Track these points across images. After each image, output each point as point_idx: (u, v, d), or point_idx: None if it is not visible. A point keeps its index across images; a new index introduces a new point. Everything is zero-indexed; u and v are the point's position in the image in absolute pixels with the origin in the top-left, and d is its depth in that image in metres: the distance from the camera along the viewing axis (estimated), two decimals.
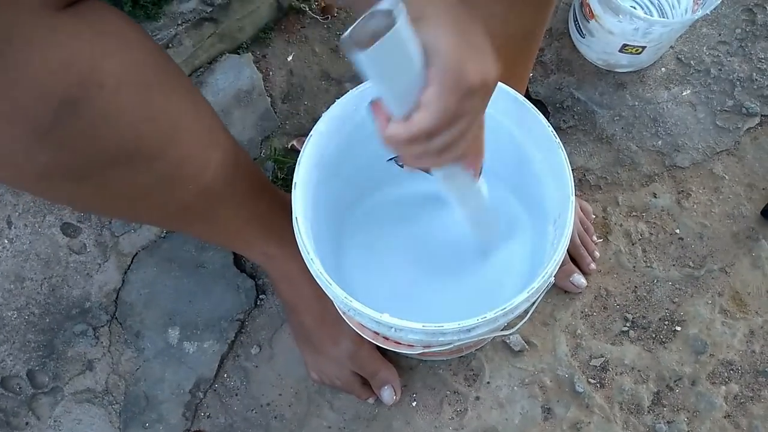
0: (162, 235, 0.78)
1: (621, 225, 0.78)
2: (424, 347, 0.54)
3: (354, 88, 0.54)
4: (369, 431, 0.72)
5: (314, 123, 0.54)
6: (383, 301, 0.65)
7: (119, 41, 0.41)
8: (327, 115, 0.54)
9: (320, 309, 0.67)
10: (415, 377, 0.73)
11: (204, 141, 0.50)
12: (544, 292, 0.50)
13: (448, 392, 0.73)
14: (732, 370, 0.73)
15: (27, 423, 0.73)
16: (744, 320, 0.75)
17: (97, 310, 0.76)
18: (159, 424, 0.72)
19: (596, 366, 0.73)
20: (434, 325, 0.47)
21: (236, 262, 0.78)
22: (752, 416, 0.72)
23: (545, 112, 0.82)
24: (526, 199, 0.60)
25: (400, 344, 0.55)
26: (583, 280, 0.74)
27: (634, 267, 0.77)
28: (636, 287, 0.76)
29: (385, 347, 0.58)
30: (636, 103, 0.82)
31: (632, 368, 0.73)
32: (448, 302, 0.67)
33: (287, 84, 0.84)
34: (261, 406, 0.73)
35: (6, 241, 0.78)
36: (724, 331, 0.74)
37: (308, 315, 0.69)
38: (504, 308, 0.47)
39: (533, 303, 0.51)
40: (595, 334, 0.75)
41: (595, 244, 0.76)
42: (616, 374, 0.73)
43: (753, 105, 0.82)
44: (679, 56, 0.84)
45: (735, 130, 0.81)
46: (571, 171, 0.52)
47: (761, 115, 0.82)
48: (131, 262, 0.77)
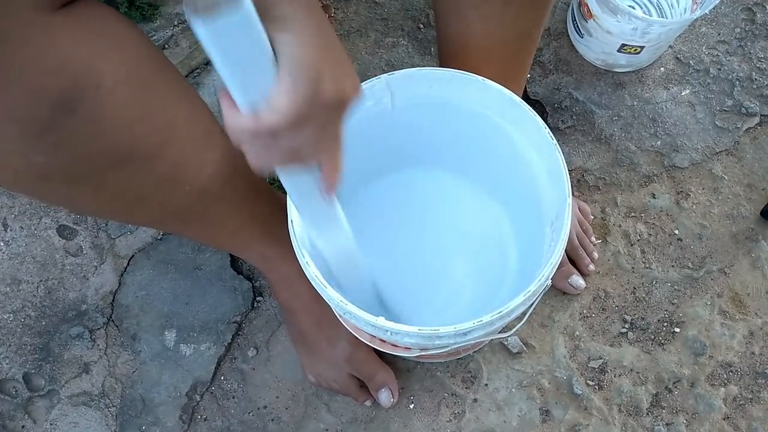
0: (158, 237, 0.78)
1: (620, 226, 0.78)
2: (421, 350, 0.53)
3: None
4: None
5: None
6: (380, 303, 0.65)
7: (115, 41, 0.40)
8: None
9: (317, 311, 0.67)
10: (413, 379, 0.73)
11: (201, 141, 0.50)
12: (541, 295, 0.50)
13: (446, 394, 0.72)
14: (731, 372, 0.73)
15: (23, 426, 0.72)
16: (743, 321, 0.74)
17: (94, 313, 0.76)
18: (155, 427, 0.72)
19: (595, 368, 0.73)
20: (430, 329, 0.47)
21: (233, 264, 0.77)
22: (752, 418, 0.71)
23: (543, 113, 0.82)
24: (523, 201, 0.60)
25: (397, 347, 0.55)
26: (582, 282, 0.74)
27: (633, 268, 0.76)
28: (635, 288, 0.76)
29: (382, 350, 0.58)
30: (635, 103, 0.82)
31: (631, 370, 0.73)
32: (447, 304, 0.67)
33: None
34: (258, 409, 0.73)
35: (2, 244, 0.77)
36: (724, 333, 0.74)
37: (305, 317, 0.68)
38: (500, 311, 0.47)
39: (530, 306, 0.51)
40: (594, 336, 0.74)
41: (594, 245, 0.75)
42: (615, 376, 0.73)
43: (752, 105, 0.82)
44: (678, 56, 0.84)
45: (734, 130, 0.81)
46: (570, 171, 0.51)
47: (761, 115, 0.81)
48: (127, 265, 0.77)
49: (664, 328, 0.74)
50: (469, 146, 0.61)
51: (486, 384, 0.72)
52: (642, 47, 0.77)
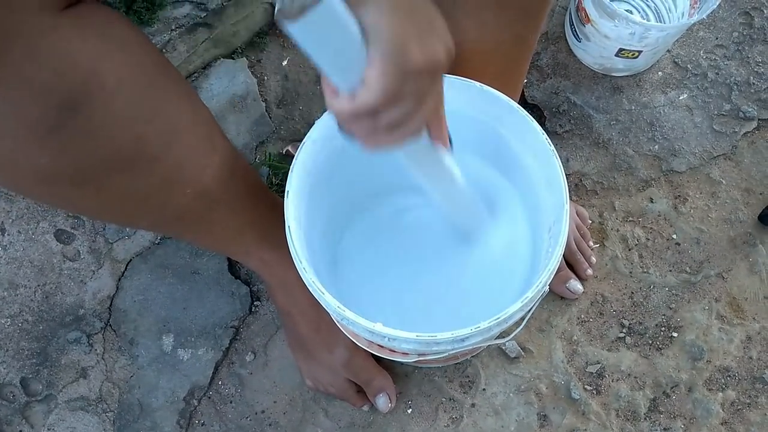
0: (156, 242, 0.78)
1: (617, 230, 0.78)
2: (419, 356, 0.53)
3: None
4: None
5: (309, 128, 0.54)
6: (379, 309, 0.65)
7: (119, 43, 0.40)
8: (320, 123, 0.54)
9: (315, 316, 0.67)
10: (411, 384, 0.73)
11: (202, 144, 0.50)
12: (539, 301, 0.50)
13: (444, 399, 0.72)
14: (729, 377, 0.73)
15: (20, 431, 0.72)
16: (741, 326, 0.74)
17: (91, 318, 0.75)
18: None
19: (592, 372, 0.73)
20: (428, 335, 0.47)
21: (231, 269, 0.77)
22: (749, 423, 0.71)
23: (541, 117, 0.82)
24: (519, 206, 0.60)
25: (395, 352, 0.55)
26: (580, 286, 0.74)
27: (631, 272, 0.76)
28: (632, 293, 0.76)
29: (380, 355, 0.58)
30: (632, 108, 0.82)
31: (629, 375, 0.73)
32: (446, 309, 0.67)
33: (282, 89, 0.84)
34: (256, 414, 0.73)
35: None
36: (721, 337, 0.74)
37: (303, 322, 0.68)
38: (498, 317, 0.47)
39: (528, 311, 0.50)
40: (592, 341, 0.74)
41: (592, 250, 0.75)
42: (613, 381, 0.73)
43: (750, 109, 0.82)
44: (676, 60, 0.84)
45: (732, 135, 0.81)
46: (567, 175, 0.51)
47: (758, 119, 0.82)
48: (125, 269, 0.77)
49: (662, 333, 0.74)
50: (466, 152, 0.61)
51: (484, 389, 0.72)
52: (640, 52, 0.77)
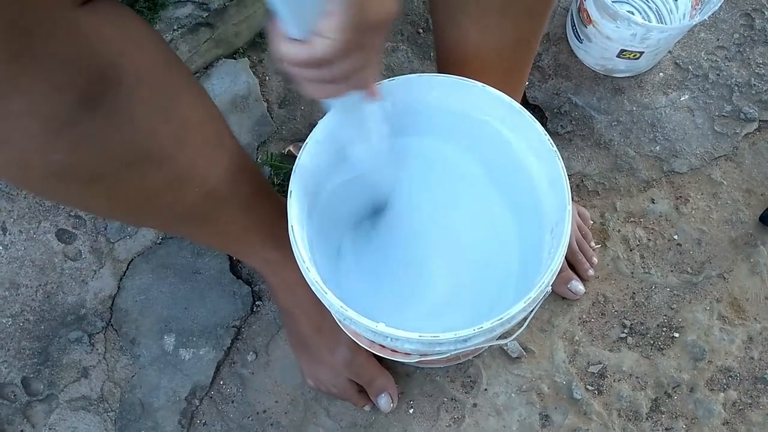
0: (158, 242, 0.78)
1: (619, 231, 0.78)
2: (421, 356, 0.53)
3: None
4: None
5: (311, 128, 0.54)
6: (382, 309, 0.65)
7: (136, 39, 0.40)
8: (323, 123, 0.54)
9: (317, 316, 0.67)
10: (412, 384, 0.73)
11: (212, 143, 0.50)
12: (542, 302, 0.50)
13: (446, 399, 0.72)
14: (730, 377, 0.73)
15: (22, 431, 0.72)
16: (742, 326, 0.75)
17: (93, 317, 0.75)
18: None
19: (594, 373, 0.73)
20: (430, 335, 0.47)
21: (232, 269, 0.77)
22: (751, 423, 0.71)
23: (543, 118, 0.82)
24: (522, 207, 0.60)
25: (396, 353, 0.55)
26: (581, 287, 0.74)
27: (632, 273, 0.76)
28: (634, 293, 0.76)
29: (382, 355, 0.58)
30: (634, 109, 0.82)
31: (630, 375, 0.73)
32: (447, 309, 0.67)
33: (284, 89, 0.84)
34: (257, 413, 0.73)
35: (0, 248, 0.77)
36: (723, 338, 0.74)
37: (305, 322, 0.68)
38: (501, 318, 0.47)
39: (531, 312, 0.51)
40: (593, 341, 0.74)
41: (593, 250, 0.76)
42: (614, 381, 0.73)
43: (751, 110, 0.82)
44: (677, 61, 0.84)
45: (733, 136, 0.81)
46: (569, 176, 0.51)
47: (759, 121, 0.82)
48: (127, 269, 0.77)
49: (664, 333, 0.74)
50: (469, 152, 0.61)
51: (485, 389, 0.72)
52: (641, 53, 0.77)
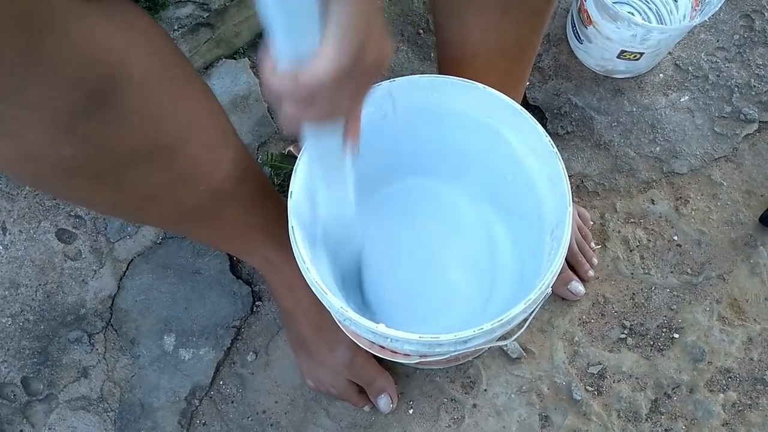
0: (158, 242, 0.78)
1: (619, 231, 0.78)
2: (421, 357, 0.53)
3: None
4: None
5: None
6: (382, 308, 0.65)
7: (144, 34, 0.40)
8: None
9: (317, 317, 0.67)
10: (412, 384, 0.73)
11: (218, 141, 0.50)
12: (542, 303, 0.50)
13: (445, 400, 0.72)
14: (730, 378, 0.73)
15: (21, 431, 0.72)
16: (742, 327, 0.75)
17: (93, 317, 0.75)
18: None
19: (594, 373, 0.73)
20: (430, 336, 0.47)
21: (232, 269, 0.77)
22: (750, 424, 0.71)
23: (543, 118, 0.82)
24: (523, 209, 0.60)
25: (396, 353, 0.55)
26: (581, 288, 0.74)
27: (632, 274, 0.76)
28: (634, 294, 0.76)
29: (382, 356, 0.58)
30: (634, 110, 0.82)
31: (630, 376, 0.73)
32: (448, 310, 0.67)
33: None
34: (257, 414, 0.73)
35: (0, 247, 0.77)
36: (723, 339, 0.74)
37: (305, 322, 0.68)
38: (501, 319, 0.47)
39: (531, 313, 0.51)
40: (593, 342, 0.74)
41: (593, 251, 0.76)
42: (614, 382, 0.73)
43: (751, 111, 0.82)
44: (677, 62, 0.84)
45: (733, 137, 0.81)
46: (569, 177, 0.51)
47: (759, 122, 0.82)
48: (126, 269, 0.77)
49: (663, 334, 0.74)
50: (469, 154, 0.62)
51: (485, 389, 0.73)
52: (641, 54, 0.77)
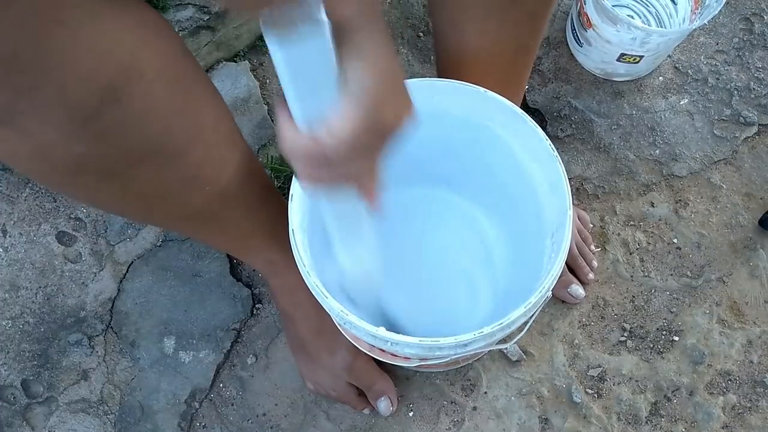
0: (158, 244, 0.78)
1: (618, 234, 0.78)
2: (421, 360, 0.53)
3: None
4: None
5: None
6: (379, 308, 0.65)
7: (155, 32, 0.40)
8: None
9: (317, 319, 0.67)
10: (412, 387, 0.73)
11: (224, 142, 0.50)
12: (542, 306, 0.50)
13: (445, 402, 0.72)
14: (730, 381, 0.73)
15: None
16: (742, 330, 0.75)
17: (93, 320, 0.75)
18: None
19: (594, 376, 0.73)
20: (430, 340, 0.47)
21: (232, 271, 0.77)
22: (750, 427, 0.71)
23: (542, 121, 0.82)
24: (522, 212, 0.60)
25: (396, 357, 0.55)
26: (581, 291, 0.74)
27: (632, 277, 0.76)
28: (633, 297, 0.76)
29: (382, 359, 0.58)
30: (633, 112, 0.82)
31: (630, 378, 0.73)
32: (448, 312, 0.67)
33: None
34: (257, 416, 0.73)
35: (1, 250, 0.77)
36: (722, 341, 0.74)
37: (305, 325, 0.68)
38: (501, 323, 0.47)
39: (531, 316, 0.51)
40: (593, 344, 0.74)
41: (593, 254, 0.76)
42: (614, 384, 0.73)
43: (750, 114, 0.82)
44: (677, 65, 0.84)
45: (732, 140, 0.81)
46: (569, 180, 0.51)
47: (759, 125, 0.82)
48: (127, 271, 0.77)
49: (663, 337, 0.74)
50: (469, 157, 0.62)
51: (485, 392, 0.73)
52: (641, 57, 0.77)
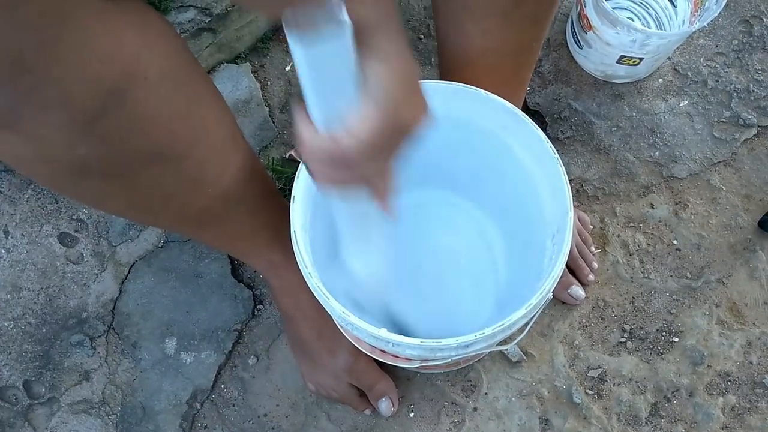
0: (159, 245, 0.78)
1: (618, 236, 0.78)
2: (422, 361, 0.54)
3: None
4: None
5: None
6: (385, 311, 0.65)
7: (159, 34, 0.40)
8: None
9: (319, 320, 0.67)
10: (413, 388, 0.73)
11: (227, 144, 0.50)
12: (543, 307, 0.50)
13: (446, 403, 0.73)
14: (729, 382, 0.73)
15: None
16: (741, 331, 0.75)
17: (94, 321, 0.76)
18: None
19: (594, 377, 0.73)
20: (432, 341, 0.47)
21: (234, 272, 0.77)
22: (750, 428, 0.72)
23: (543, 123, 0.82)
24: (523, 214, 0.60)
25: (398, 358, 0.55)
26: (582, 292, 0.74)
27: (632, 278, 0.77)
28: (633, 298, 0.76)
29: (382, 360, 0.58)
30: (633, 114, 0.83)
31: (630, 379, 0.73)
32: (452, 313, 0.67)
33: (285, 94, 0.84)
34: (258, 417, 0.73)
35: (3, 251, 0.78)
36: (722, 342, 0.74)
37: (306, 326, 0.69)
38: (502, 324, 0.47)
39: (532, 318, 0.51)
40: (593, 345, 0.75)
41: (593, 255, 0.76)
42: (614, 385, 0.73)
43: (750, 116, 0.82)
44: (677, 67, 0.85)
45: (732, 141, 0.82)
46: (569, 181, 0.52)
47: (758, 126, 0.82)
48: (128, 272, 0.77)
49: (663, 338, 0.75)
50: (470, 159, 0.62)
51: (486, 393, 0.73)
52: (641, 59, 0.78)
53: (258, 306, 0.76)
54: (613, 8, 0.77)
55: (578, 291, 0.74)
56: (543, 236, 0.56)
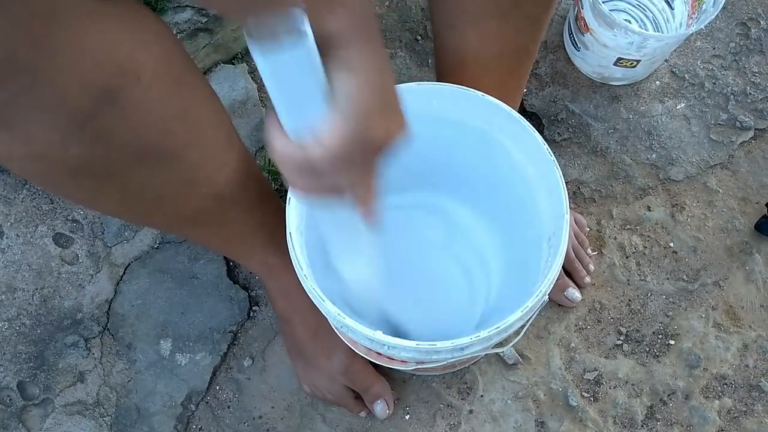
0: (155, 246, 0.78)
1: (615, 238, 0.78)
2: (417, 364, 0.53)
3: None
4: None
5: None
6: (380, 315, 0.65)
7: (154, 35, 0.40)
8: None
9: (314, 322, 0.67)
10: (409, 390, 0.73)
11: (222, 145, 0.50)
12: (539, 310, 0.50)
13: (442, 405, 0.73)
14: (725, 385, 0.73)
15: None
16: (738, 334, 0.75)
17: (89, 322, 0.75)
18: None
19: (590, 379, 0.73)
20: (428, 344, 0.47)
21: (229, 274, 0.77)
22: (745, 431, 0.72)
23: (540, 125, 0.82)
24: (519, 216, 0.60)
25: (393, 360, 0.55)
26: (578, 294, 0.74)
27: (628, 280, 0.77)
28: (630, 300, 0.76)
29: (378, 363, 0.58)
30: (630, 116, 0.83)
31: (626, 382, 0.73)
32: (446, 316, 0.67)
33: None
34: (253, 419, 0.73)
35: None
36: (718, 345, 0.74)
37: (302, 328, 0.68)
38: (498, 327, 0.47)
39: (528, 320, 0.51)
40: (589, 348, 0.75)
41: (590, 258, 0.76)
42: (610, 388, 0.73)
43: (747, 119, 0.82)
44: (674, 70, 0.85)
45: (729, 144, 0.82)
46: (566, 183, 0.52)
47: (755, 129, 0.82)
48: (123, 273, 0.77)
49: (659, 341, 0.75)
50: (466, 161, 0.62)
51: (482, 395, 0.73)
52: (638, 61, 0.78)
53: (253, 307, 0.76)
54: (611, 10, 0.77)
55: (574, 293, 0.74)
56: (539, 238, 0.56)
